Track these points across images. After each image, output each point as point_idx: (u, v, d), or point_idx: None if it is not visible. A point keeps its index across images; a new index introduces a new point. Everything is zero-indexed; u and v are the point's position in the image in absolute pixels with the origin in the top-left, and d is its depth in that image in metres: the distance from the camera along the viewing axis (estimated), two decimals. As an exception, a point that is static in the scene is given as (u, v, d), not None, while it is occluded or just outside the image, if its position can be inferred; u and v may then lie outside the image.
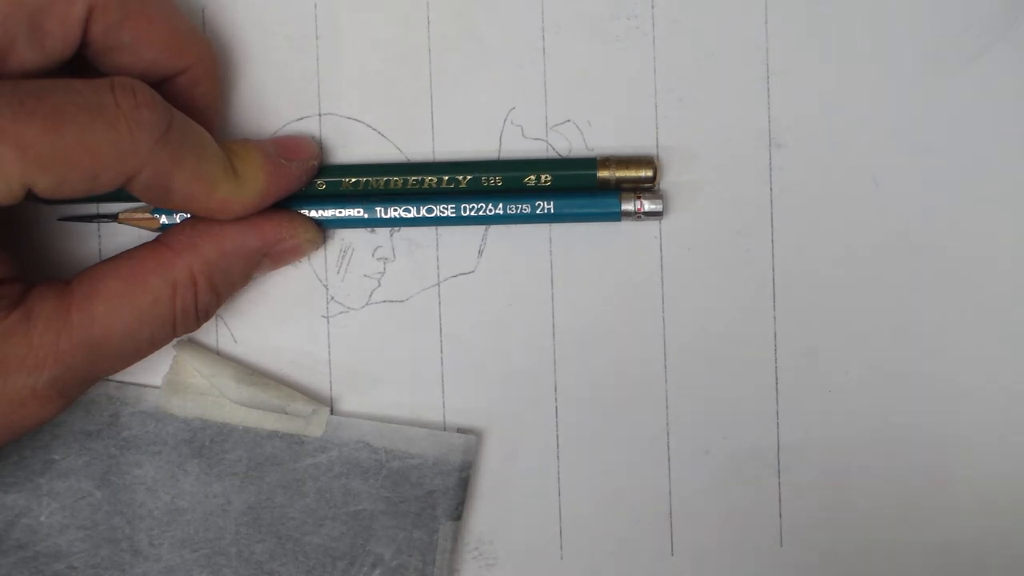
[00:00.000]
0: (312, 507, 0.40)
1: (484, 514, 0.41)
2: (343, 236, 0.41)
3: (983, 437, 0.41)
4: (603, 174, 0.39)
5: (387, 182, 0.39)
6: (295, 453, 0.40)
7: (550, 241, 0.41)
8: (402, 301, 0.41)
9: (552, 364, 0.41)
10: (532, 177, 0.39)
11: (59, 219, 0.40)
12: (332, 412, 0.41)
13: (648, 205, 0.39)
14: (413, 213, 0.39)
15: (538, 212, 0.39)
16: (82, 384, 0.35)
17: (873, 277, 0.40)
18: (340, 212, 0.39)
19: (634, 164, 0.39)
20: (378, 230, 0.41)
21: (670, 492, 0.41)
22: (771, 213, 0.40)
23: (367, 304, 0.41)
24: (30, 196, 0.33)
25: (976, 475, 0.41)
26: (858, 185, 0.40)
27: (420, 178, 0.39)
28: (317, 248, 0.40)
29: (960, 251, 0.40)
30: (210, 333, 0.41)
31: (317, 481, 0.40)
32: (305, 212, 0.39)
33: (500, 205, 0.39)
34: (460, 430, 0.41)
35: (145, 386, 0.40)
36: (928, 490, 0.41)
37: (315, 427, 0.40)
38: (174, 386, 0.40)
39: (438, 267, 0.41)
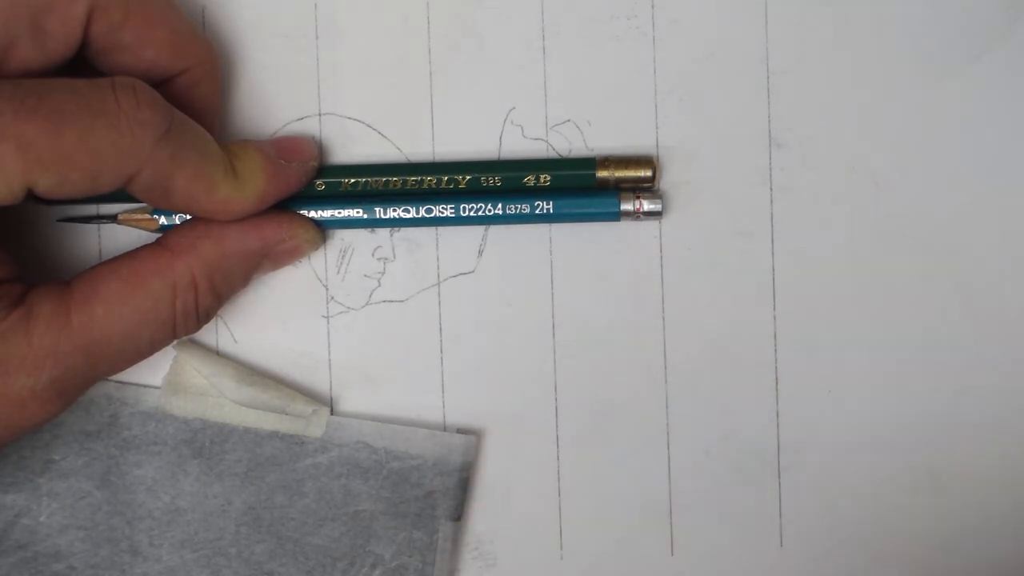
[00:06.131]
0: (312, 507, 0.40)
1: (484, 514, 0.41)
2: (343, 236, 0.41)
3: (983, 437, 0.41)
4: (602, 174, 0.39)
5: (386, 182, 0.39)
6: (295, 454, 0.40)
7: (550, 241, 0.41)
8: (402, 301, 0.41)
9: (552, 364, 0.41)
10: (531, 177, 0.39)
11: (59, 220, 0.40)
12: (332, 412, 0.41)
13: (647, 205, 0.39)
14: (412, 213, 0.39)
15: (537, 212, 0.39)
16: (82, 385, 0.35)
17: (873, 277, 0.40)
18: (339, 213, 0.39)
19: (633, 164, 0.39)
20: (378, 230, 0.41)
21: (670, 492, 0.41)
22: (771, 213, 0.40)
23: (367, 304, 0.41)
24: (31, 196, 0.33)
25: (975, 475, 0.41)
26: (858, 185, 0.40)
27: (419, 178, 0.39)
28: (317, 249, 0.40)
29: (960, 251, 0.40)
30: (210, 333, 0.41)
31: (317, 481, 0.40)
32: (305, 213, 0.39)
33: (499, 205, 0.39)
34: (460, 430, 0.41)
35: (145, 386, 0.40)
36: (927, 490, 0.41)
37: (315, 427, 0.40)
38: (174, 386, 0.40)
39: (438, 267, 0.41)
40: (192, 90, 0.37)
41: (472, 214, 0.39)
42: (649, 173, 0.39)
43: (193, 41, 0.37)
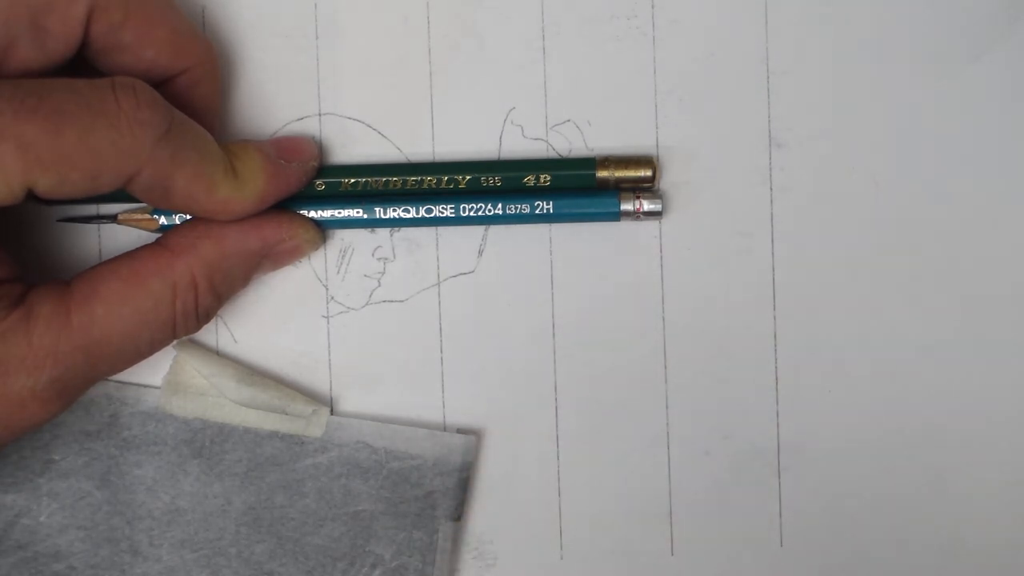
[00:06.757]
0: (312, 507, 0.40)
1: (484, 514, 0.41)
2: (343, 236, 0.41)
3: (983, 437, 0.41)
4: (602, 174, 0.39)
5: (386, 182, 0.39)
6: (295, 453, 0.40)
7: (550, 241, 0.41)
8: (402, 301, 0.41)
9: (552, 364, 0.41)
10: (531, 177, 0.39)
11: (59, 220, 0.40)
12: (332, 412, 0.41)
13: (647, 205, 0.39)
14: (412, 213, 0.39)
15: (537, 212, 0.39)
16: (82, 385, 0.35)
17: (873, 277, 0.40)
18: (339, 212, 0.39)
19: (633, 164, 0.40)
20: (378, 230, 0.41)
21: (670, 492, 0.41)
22: (771, 213, 0.40)
23: (367, 304, 0.41)
24: (31, 196, 0.33)
25: (976, 475, 0.41)
26: (858, 185, 0.40)
27: (419, 178, 0.39)
28: (317, 249, 0.40)
29: (960, 251, 0.40)
30: (210, 333, 0.41)
31: (317, 481, 0.40)
32: (305, 213, 0.39)
33: (499, 205, 0.39)
34: (460, 430, 0.41)
35: (145, 386, 0.40)
36: (928, 490, 0.41)
37: (315, 427, 0.40)
38: (174, 386, 0.40)
39: (438, 267, 0.41)
40: (192, 90, 0.37)
41: (472, 214, 0.39)
42: (649, 173, 0.39)
43: (193, 41, 0.37)
